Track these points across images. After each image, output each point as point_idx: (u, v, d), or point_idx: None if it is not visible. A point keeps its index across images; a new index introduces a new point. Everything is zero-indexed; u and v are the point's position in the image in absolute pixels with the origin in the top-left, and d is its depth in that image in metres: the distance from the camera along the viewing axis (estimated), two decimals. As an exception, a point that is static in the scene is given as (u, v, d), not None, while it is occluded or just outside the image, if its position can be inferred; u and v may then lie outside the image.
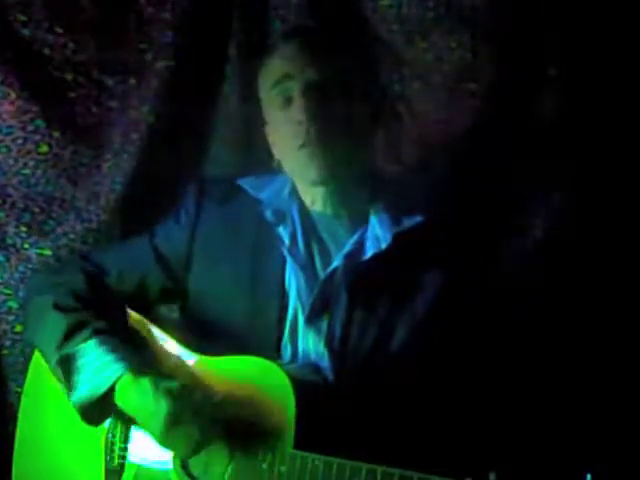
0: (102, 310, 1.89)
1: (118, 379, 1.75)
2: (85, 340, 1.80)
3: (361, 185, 1.93)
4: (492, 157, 2.26)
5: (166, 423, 1.68)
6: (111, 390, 1.76)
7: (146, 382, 1.73)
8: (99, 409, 1.80)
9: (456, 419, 1.85)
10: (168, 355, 1.91)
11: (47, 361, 1.87)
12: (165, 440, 1.71)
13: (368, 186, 1.94)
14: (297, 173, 1.92)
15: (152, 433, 1.73)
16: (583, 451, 1.96)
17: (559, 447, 2.03)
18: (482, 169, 2.27)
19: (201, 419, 1.69)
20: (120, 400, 1.76)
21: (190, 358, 1.89)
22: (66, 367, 1.80)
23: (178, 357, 1.90)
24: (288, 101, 1.87)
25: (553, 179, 2.24)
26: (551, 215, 2.23)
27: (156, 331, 1.96)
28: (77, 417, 1.81)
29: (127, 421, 1.87)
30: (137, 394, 1.73)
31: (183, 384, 1.72)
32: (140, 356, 1.81)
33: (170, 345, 1.93)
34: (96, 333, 1.81)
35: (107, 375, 1.76)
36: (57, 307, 1.87)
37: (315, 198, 1.93)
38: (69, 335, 1.82)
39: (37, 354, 2.00)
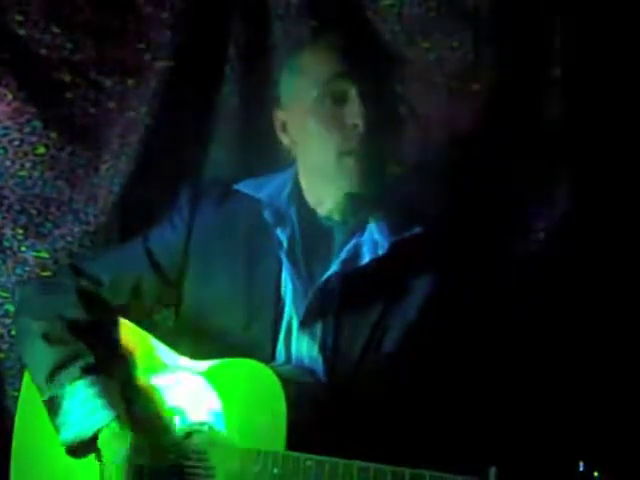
0: (93, 339, 1.89)
1: (105, 426, 1.82)
2: (74, 379, 1.84)
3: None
4: (494, 158, 2.25)
5: None
6: (97, 434, 1.82)
7: (127, 439, 1.81)
8: (84, 449, 1.85)
9: (449, 421, 1.84)
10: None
11: (37, 390, 1.90)
12: None
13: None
14: (329, 178, 1.85)
15: None
16: (581, 448, 1.94)
17: (556, 444, 2.02)
18: (484, 170, 2.26)
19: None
20: (101, 445, 1.83)
21: (183, 362, 1.89)
22: (53, 408, 1.85)
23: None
24: (340, 101, 1.83)
25: (556, 180, 2.23)
26: (554, 217, 2.22)
27: (149, 342, 1.95)
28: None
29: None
30: (118, 445, 1.81)
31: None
32: (125, 397, 1.87)
33: (163, 356, 1.92)
34: (85, 372, 1.84)
35: (95, 420, 1.82)
36: (46, 338, 1.89)
37: (321, 201, 1.91)
38: (57, 370, 1.85)
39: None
